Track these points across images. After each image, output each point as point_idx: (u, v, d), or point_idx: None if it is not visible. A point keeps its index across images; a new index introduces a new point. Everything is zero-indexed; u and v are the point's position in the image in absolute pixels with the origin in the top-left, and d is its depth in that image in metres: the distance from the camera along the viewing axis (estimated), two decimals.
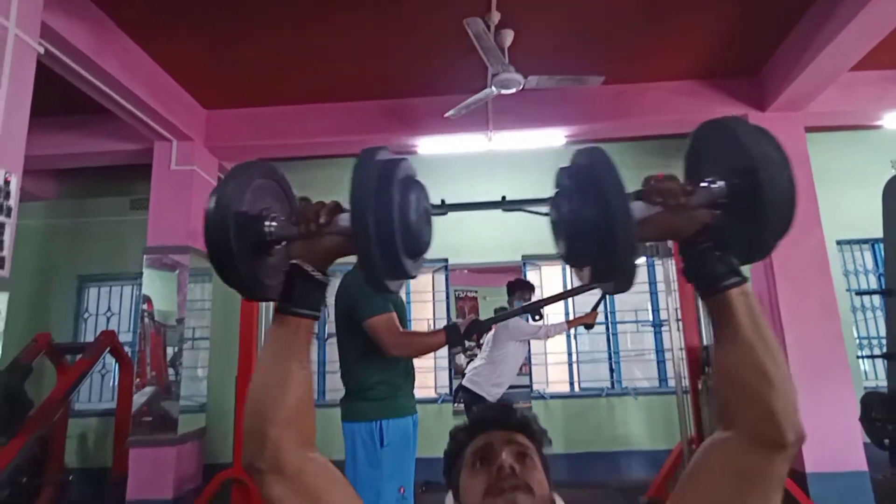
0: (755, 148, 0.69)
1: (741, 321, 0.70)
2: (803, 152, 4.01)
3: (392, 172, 0.73)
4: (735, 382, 0.70)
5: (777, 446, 0.68)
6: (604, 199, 0.68)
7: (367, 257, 0.69)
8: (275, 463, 0.70)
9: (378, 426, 1.91)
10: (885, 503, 3.52)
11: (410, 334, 2.04)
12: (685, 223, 0.73)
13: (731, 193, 0.72)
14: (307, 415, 0.74)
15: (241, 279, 0.73)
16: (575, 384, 5.23)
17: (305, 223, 0.74)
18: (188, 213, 4.05)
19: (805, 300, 3.78)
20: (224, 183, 0.74)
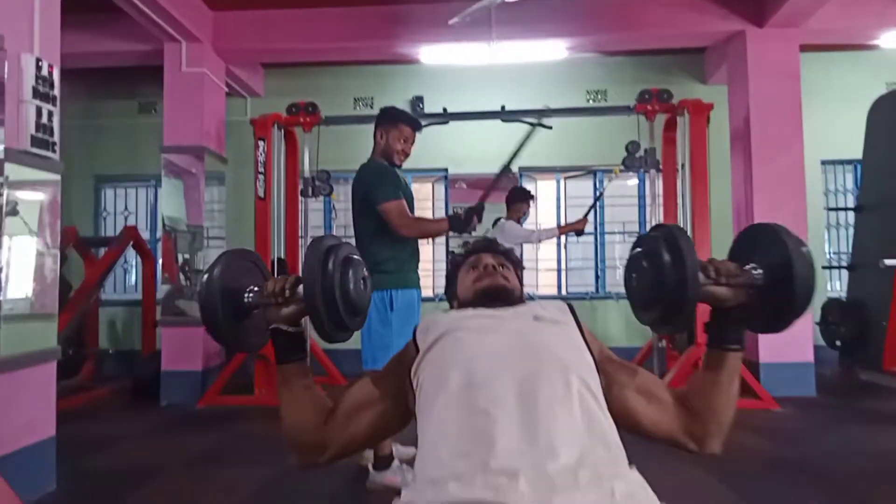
0: (796, 250, 0.91)
1: (724, 375, 0.98)
2: (795, 70, 4.13)
3: (334, 255, 0.98)
4: (701, 401, 0.99)
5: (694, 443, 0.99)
6: (683, 270, 0.91)
7: (317, 320, 0.95)
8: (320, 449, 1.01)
9: (389, 295, 2.28)
10: (826, 391, 4.03)
11: (418, 218, 2.38)
12: (728, 297, 0.95)
13: (767, 280, 0.95)
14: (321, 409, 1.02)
15: (227, 339, 1.01)
16: (563, 288, 5.66)
17: (273, 296, 0.97)
18: (201, 114, 4.22)
19: (778, 212, 4.07)
20: (212, 267, 1.00)
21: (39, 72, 2.19)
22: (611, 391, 0.97)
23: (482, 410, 0.82)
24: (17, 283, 2.18)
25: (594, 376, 0.92)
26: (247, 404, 3.81)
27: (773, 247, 0.94)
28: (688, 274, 0.91)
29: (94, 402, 4.05)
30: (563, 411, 0.82)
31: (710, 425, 0.98)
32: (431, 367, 0.94)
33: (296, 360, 1.02)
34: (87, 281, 4.28)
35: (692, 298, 0.91)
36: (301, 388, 1.02)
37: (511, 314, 1.02)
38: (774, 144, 4.10)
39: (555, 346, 0.93)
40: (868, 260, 4.28)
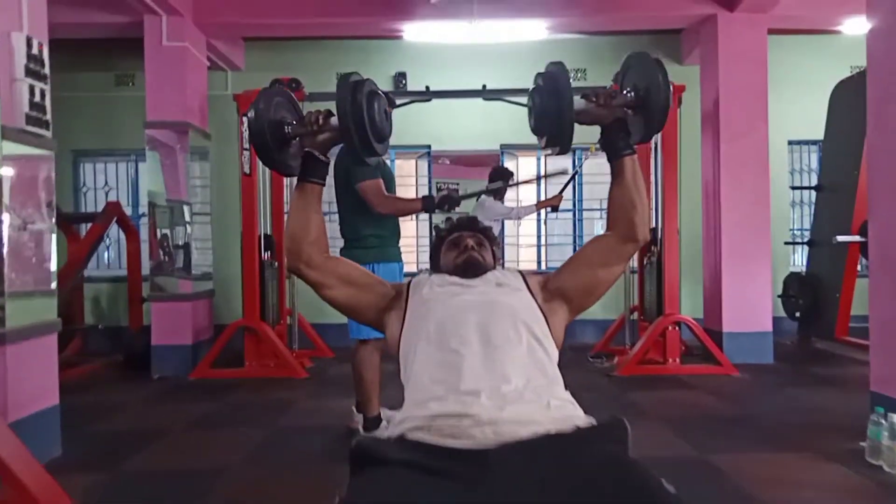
0: (652, 75, 1.19)
1: (626, 175, 1.23)
2: (763, 54, 4.30)
3: (360, 89, 1.18)
4: (617, 206, 1.25)
5: (632, 240, 1.25)
6: (558, 95, 1.18)
7: (350, 143, 1.20)
8: (308, 262, 1.24)
9: (371, 268, 2.39)
10: (783, 359, 4.33)
11: (393, 197, 2.53)
12: (606, 114, 1.23)
13: (636, 99, 1.22)
14: (323, 237, 1.26)
15: (277, 164, 1.26)
16: (542, 263, 5.86)
17: (310, 125, 1.22)
18: (183, 90, 4.21)
19: (742, 189, 4.30)
20: (256, 101, 1.20)
21: (30, 50, 2.23)
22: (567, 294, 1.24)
23: (453, 350, 1.08)
24: (17, 258, 2.25)
25: (539, 322, 1.17)
26: (238, 377, 3.94)
27: (640, 73, 1.23)
28: (563, 100, 1.17)
29: (88, 376, 4.13)
30: (513, 349, 1.08)
31: (634, 218, 1.22)
32: (415, 320, 1.19)
33: (317, 181, 1.24)
34: (73, 258, 4.30)
35: (567, 117, 1.17)
36: (311, 208, 1.23)
37: (478, 282, 1.27)
38: (741, 126, 4.29)
39: (508, 302, 1.18)
40: (825, 236, 4.56)
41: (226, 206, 5.01)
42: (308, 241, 1.22)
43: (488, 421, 0.93)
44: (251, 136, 1.20)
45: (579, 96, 1.21)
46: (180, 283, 4.29)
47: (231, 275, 4.69)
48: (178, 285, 4.28)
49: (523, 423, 0.93)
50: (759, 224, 4.34)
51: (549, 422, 0.95)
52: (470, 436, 0.92)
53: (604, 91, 1.23)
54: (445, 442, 0.92)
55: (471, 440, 0.91)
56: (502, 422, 0.93)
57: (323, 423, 2.88)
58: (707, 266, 4.63)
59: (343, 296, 1.27)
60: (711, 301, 4.54)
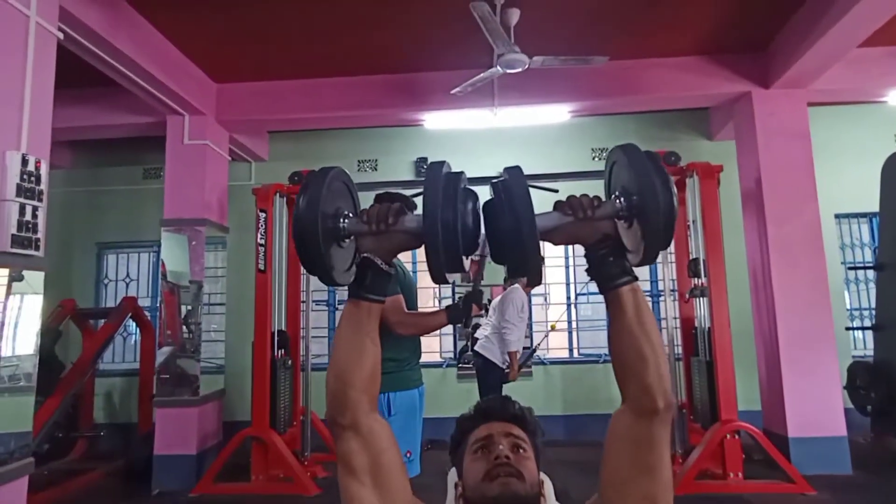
0: (643, 176, 0.84)
1: (627, 312, 0.87)
2: (804, 129, 4.06)
3: (455, 184, 0.87)
4: (621, 363, 0.88)
5: (652, 412, 0.86)
6: (515, 211, 0.84)
7: (435, 254, 0.84)
8: (353, 421, 0.88)
9: (386, 398, 2.11)
10: (861, 465, 3.75)
11: (414, 315, 2.21)
12: (589, 232, 0.89)
13: (628, 208, 0.87)
14: (376, 382, 0.91)
15: (321, 266, 0.87)
16: (574, 350, 5.45)
17: (376, 223, 0.88)
18: (202, 186, 4.19)
19: (797, 272, 3.91)
20: (314, 182, 0.88)
21: (25, 167, 2.13)
22: None
23: None
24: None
25: None
26: (243, 492, 3.58)
27: (627, 171, 0.88)
28: (520, 218, 0.83)
29: (85, 489, 3.83)
30: None
31: (646, 378, 0.85)
32: None
33: (376, 299, 0.91)
34: (83, 358, 4.14)
35: (529, 241, 0.83)
36: (367, 337, 0.90)
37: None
38: (788, 205, 3.98)
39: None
40: (894, 320, 4.07)
41: (243, 295, 4.84)
42: (360, 382, 0.88)
43: None
44: (295, 230, 0.87)
45: (552, 208, 0.89)
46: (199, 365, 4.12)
47: (244, 367, 4.44)
48: (198, 367, 4.10)
49: None
50: (819, 310, 3.91)
51: None
52: None
53: (583, 199, 0.88)
54: None
55: None
56: None
57: None
58: (763, 359, 4.16)
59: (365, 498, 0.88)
60: (771, 400, 4.03)
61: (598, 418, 5.10)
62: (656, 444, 0.86)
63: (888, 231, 4.50)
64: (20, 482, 2.13)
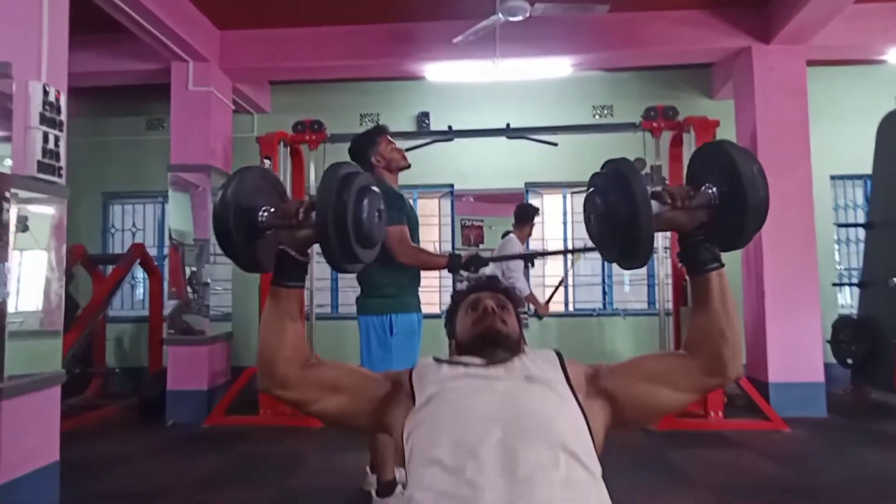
0: (745, 168, 0.93)
1: (714, 295, 0.99)
2: (802, 86, 4.10)
3: (349, 183, 0.97)
4: (703, 334, 1.01)
5: (719, 377, 1.02)
6: (634, 202, 0.92)
7: (327, 246, 0.95)
8: (283, 382, 1.01)
9: (388, 319, 2.27)
10: (837, 411, 3.95)
11: (418, 249, 2.36)
12: (686, 220, 0.97)
13: (721, 199, 0.96)
14: (300, 348, 1.03)
15: (240, 258, 1.00)
16: (570, 304, 5.62)
17: (288, 218, 0.98)
18: (207, 133, 4.25)
19: (786, 228, 4.03)
20: (227, 182, 0.99)
21: (46, 98, 2.22)
22: (618, 401, 1.02)
23: (468, 480, 0.84)
24: (25, 302, 2.19)
25: (581, 435, 0.93)
26: (252, 424, 3.79)
27: (724, 165, 0.95)
28: (639, 206, 0.91)
29: (101, 422, 4.05)
30: (545, 480, 0.84)
31: (723, 351, 0.99)
32: (422, 430, 0.95)
33: (293, 286, 1.01)
34: (94, 299, 4.30)
35: (646, 226, 0.91)
36: (286, 317, 1.01)
37: (502, 372, 1.02)
38: (782, 162, 4.06)
39: (542, 409, 0.93)
40: (879, 277, 4.22)
41: None
42: (283, 356, 1.00)
43: None
44: (213, 222, 0.96)
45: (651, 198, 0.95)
46: (206, 320, 4.24)
47: (250, 314, 4.61)
48: (205, 323, 4.23)
49: None
50: (806, 265, 4.04)
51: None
52: None
53: (680, 190, 0.96)
54: None
55: None
56: None
57: (335, 483, 2.68)
58: (749, 311, 4.32)
59: (333, 407, 1.04)
60: (755, 349, 4.21)
61: None
62: (698, 390, 1.04)
63: (880, 190, 4.60)
64: (54, 390, 2.30)
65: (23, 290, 2.19)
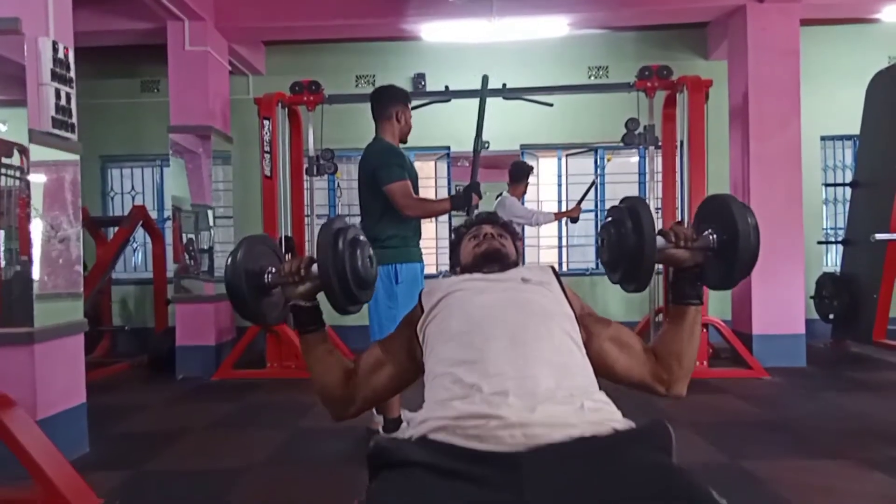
0: (741, 221, 1.06)
1: (685, 324, 1.14)
2: (795, 46, 4.15)
3: (343, 237, 1.11)
4: (665, 348, 1.15)
5: (662, 386, 1.15)
6: (642, 236, 1.07)
7: (332, 294, 1.10)
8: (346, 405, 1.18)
9: (394, 269, 2.39)
10: (816, 362, 4.17)
11: (422, 199, 2.49)
12: (686, 258, 1.11)
13: (719, 245, 1.09)
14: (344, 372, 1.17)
15: (253, 314, 1.15)
16: (564, 265, 5.77)
17: (290, 275, 1.12)
18: (206, 94, 4.26)
19: (774, 187, 4.15)
20: (235, 250, 1.13)
21: (56, 54, 2.26)
22: (589, 341, 1.13)
23: (477, 348, 0.99)
24: (46, 260, 2.29)
25: (574, 324, 1.09)
26: (259, 377, 3.96)
27: (724, 215, 1.09)
28: (646, 239, 1.07)
29: (113, 377, 4.20)
30: (543, 345, 0.99)
31: (675, 370, 1.14)
32: (435, 321, 1.10)
33: (315, 329, 1.17)
34: (101, 260, 4.39)
35: (649, 259, 1.07)
36: (324, 352, 1.17)
37: (502, 277, 1.18)
38: (772, 121, 4.15)
39: (540, 301, 1.09)
40: (862, 235, 4.36)
41: (248, 209, 5.06)
42: (339, 384, 1.16)
43: (518, 423, 0.86)
44: (227, 286, 1.11)
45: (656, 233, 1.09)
46: (205, 285, 4.34)
47: None
48: (203, 288, 4.33)
49: (556, 425, 0.86)
50: (791, 223, 4.19)
51: (584, 424, 0.87)
52: (498, 438, 0.85)
53: (684, 230, 1.10)
54: (471, 444, 0.85)
55: (499, 443, 0.84)
56: (533, 424, 0.85)
57: (343, 424, 2.82)
58: None
59: (385, 381, 1.17)
60: (740, 303, 4.39)
61: None
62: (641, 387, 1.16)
63: (866, 149, 4.71)
64: (78, 337, 2.42)
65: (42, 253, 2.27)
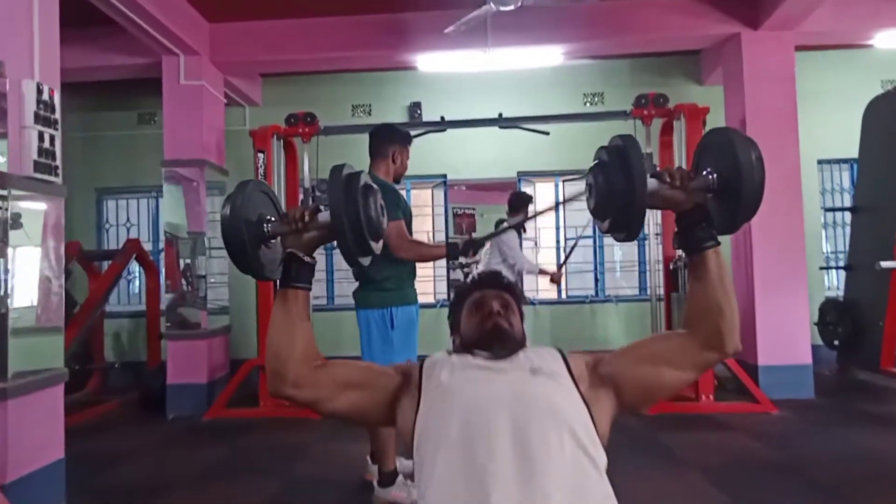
0: (743, 155, 0.96)
1: (711, 272, 1.02)
2: (790, 73, 4.15)
3: (354, 182, 1.03)
4: (700, 309, 1.04)
5: (718, 351, 1.04)
6: (630, 175, 0.97)
7: (344, 243, 1.02)
8: (297, 382, 1.03)
9: (389, 312, 2.31)
10: (823, 391, 4.06)
11: (417, 242, 2.41)
12: (683, 199, 1.01)
13: (720, 184, 1.00)
14: (311, 347, 1.06)
15: (252, 267, 1.06)
16: (562, 292, 5.69)
17: (294, 222, 1.03)
18: (200, 127, 4.24)
19: (774, 213, 4.08)
20: (233, 196, 1.04)
21: (40, 96, 2.22)
22: (621, 387, 1.04)
23: (480, 464, 0.88)
24: (24, 299, 2.21)
25: (585, 423, 0.97)
26: (253, 416, 3.85)
27: (724, 151, 0.99)
28: (635, 179, 0.96)
29: (102, 417, 4.09)
30: (554, 462, 0.88)
31: (721, 326, 1.01)
32: (433, 415, 0.99)
33: (301, 287, 1.05)
34: (92, 296, 4.31)
35: (640, 200, 0.97)
36: (296, 317, 1.05)
37: (508, 366, 1.05)
38: (770, 148, 4.01)
39: (548, 396, 0.97)
40: (864, 260, 4.31)
41: None
42: (295, 357, 1.02)
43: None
44: (224, 235, 1.02)
45: (649, 175, 0.99)
46: (201, 313, 4.27)
47: (248, 306, 4.64)
48: (201, 316, 4.25)
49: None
50: (793, 250, 4.12)
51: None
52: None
53: (680, 171, 1.00)
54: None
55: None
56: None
57: (338, 472, 2.74)
58: (739, 295, 4.36)
59: (344, 404, 1.07)
60: (744, 332, 4.28)
61: None
62: (698, 366, 1.06)
63: (865, 174, 4.68)
64: (57, 388, 2.33)
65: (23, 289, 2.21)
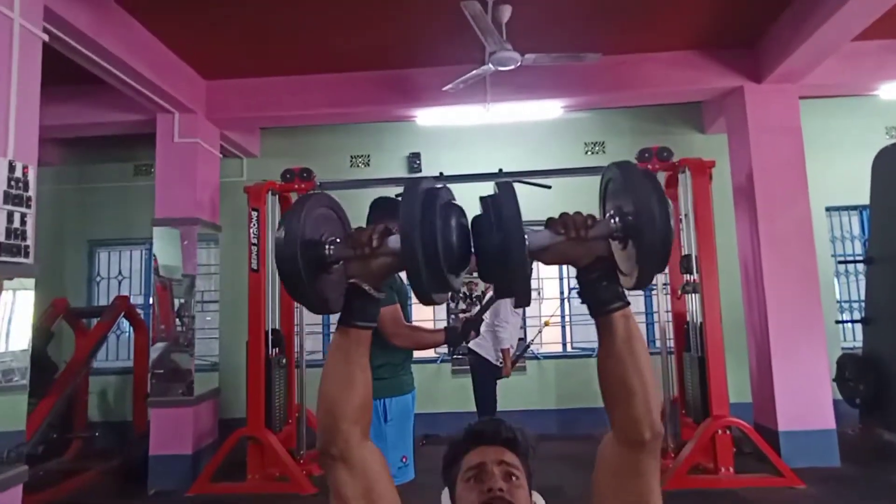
0: (642, 197, 0.80)
1: (616, 339, 0.83)
2: (796, 124, 4.07)
3: (433, 200, 0.83)
4: (609, 391, 0.85)
5: (637, 444, 0.83)
6: (503, 232, 0.80)
7: (417, 275, 0.80)
8: (344, 453, 0.85)
9: (382, 404, 2.11)
10: (849, 457, 3.81)
11: (412, 328, 2.19)
12: (581, 253, 0.84)
13: (623, 229, 0.82)
14: (368, 411, 0.88)
15: (310, 298, 0.86)
16: (567, 345, 5.48)
17: (360, 247, 0.85)
18: (193, 184, 4.15)
19: (787, 266, 3.95)
20: (291, 214, 0.85)
21: (13, 174, 2.11)
22: None
23: None
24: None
25: None
26: (239, 492, 3.60)
27: (622, 188, 0.83)
28: (510, 237, 0.79)
29: (80, 490, 3.84)
30: None
31: (633, 409, 0.82)
32: None
33: (365, 326, 0.87)
34: (76, 358, 4.14)
35: (518, 262, 0.80)
36: (356, 365, 0.87)
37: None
38: (779, 200, 4.00)
39: None
40: (883, 313, 4.13)
41: (235, 293, 4.84)
42: (351, 414, 0.85)
43: None
44: (278, 259, 0.84)
45: (544, 226, 0.84)
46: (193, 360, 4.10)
47: (239, 364, 4.44)
48: (192, 363, 4.08)
49: None
50: (809, 304, 3.95)
51: None
52: None
53: (576, 217, 0.83)
54: None
55: None
56: None
57: None
58: (753, 353, 4.20)
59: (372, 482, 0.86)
60: (761, 394, 4.08)
61: (591, 412, 5.15)
62: (643, 474, 0.85)
63: (878, 225, 4.53)
64: (15, 490, 2.13)
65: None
